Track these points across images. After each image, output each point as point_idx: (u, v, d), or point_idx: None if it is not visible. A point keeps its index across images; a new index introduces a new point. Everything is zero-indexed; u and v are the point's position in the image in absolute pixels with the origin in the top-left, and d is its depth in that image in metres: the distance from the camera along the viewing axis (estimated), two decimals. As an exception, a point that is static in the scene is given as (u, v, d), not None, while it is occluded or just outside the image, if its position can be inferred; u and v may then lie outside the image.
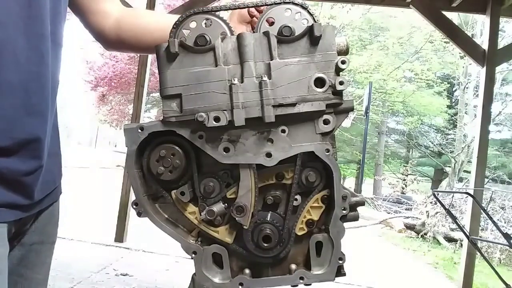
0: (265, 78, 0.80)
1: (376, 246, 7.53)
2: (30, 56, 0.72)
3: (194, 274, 0.84)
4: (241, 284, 0.83)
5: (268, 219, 0.85)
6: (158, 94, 0.86)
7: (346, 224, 0.85)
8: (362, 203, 0.87)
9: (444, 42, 15.12)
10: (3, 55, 0.68)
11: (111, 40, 1.01)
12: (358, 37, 17.54)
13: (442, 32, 4.75)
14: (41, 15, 0.74)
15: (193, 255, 0.83)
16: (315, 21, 0.84)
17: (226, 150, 0.82)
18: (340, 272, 0.85)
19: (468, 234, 3.56)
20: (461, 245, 6.08)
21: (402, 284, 4.96)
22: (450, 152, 17.35)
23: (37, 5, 0.73)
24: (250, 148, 0.82)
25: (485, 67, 4.43)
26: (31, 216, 0.81)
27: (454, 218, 3.53)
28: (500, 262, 6.80)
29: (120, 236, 4.75)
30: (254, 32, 0.85)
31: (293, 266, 0.86)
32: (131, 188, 3.79)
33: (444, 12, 4.67)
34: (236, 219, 0.83)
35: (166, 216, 0.86)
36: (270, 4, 0.86)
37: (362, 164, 12.61)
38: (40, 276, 0.85)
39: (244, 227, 0.83)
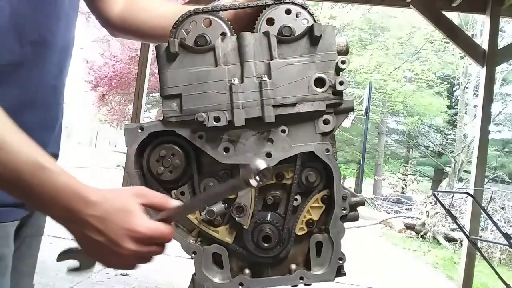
0: (265, 78, 0.80)
1: (376, 246, 7.53)
2: (52, 71, 0.75)
3: (194, 274, 0.84)
4: (241, 284, 0.83)
5: (268, 219, 0.85)
6: (158, 94, 0.86)
7: (346, 224, 0.85)
8: (362, 203, 0.87)
9: (444, 42, 15.11)
10: (33, 73, 0.70)
11: (118, 26, 1.01)
12: (358, 37, 17.53)
13: (442, 32, 4.75)
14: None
15: (193, 255, 0.83)
16: (315, 21, 0.84)
17: (226, 150, 0.82)
18: (340, 272, 0.85)
19: (468, 234, 3.56)
20: (461, 245, 6.08)
21: (402, 284, 4.96)
22: (450, 152, 17.35)
23: (67, 16, 0.77)
24: (250, 148, 0.82)
25: (485, 67, 4.42)
26: (31, 212, 0.83)
27: (454, 218, 3.53)
28: (500, 262, 6.79)
29: (120, 236, 4.74)
30: (254, 32, 0.85)
31: (293, 266, 0.86)
32: (131, 188, 3.79)
33: (444, 12, 4.66)
34: (236, 219, 0.83)
35: (166, 216, 0.86)
36: (270, 4, 0.86)
37: (362, 164, 12.62)
38: (29, 268, 0.88)
39: (244, 227, 0.83)
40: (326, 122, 0.83)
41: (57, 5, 0.73)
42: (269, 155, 0.82)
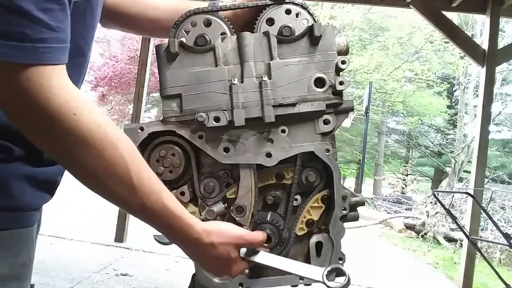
0: (265, 78, 0.80)
1: (376, 246, 7.53)
2: (80, 80, 0.80)
3: (194, 274, 0.84)
4: (241, 284, 0.83)
5: (268, 219, 0.85)
6: (158, 94, 0.86)
7: (346, 224, 0.85)
8: (362, 203, 0.87)
9: (444, 42, 15.10)
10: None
11: (111, 15, 0.98)
12: (358, 37, 17.51)
13: (442, 32, 4.74)
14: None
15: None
16: (315, 21, 0.84)
17: (226, 150, 0.82)
18: (340, 272, 0.85)
19: (468, 234, 3.56)
20: (461, 245, 6.08)
21: (402, 284, 4.96)
22: (450, 152, 17.34)
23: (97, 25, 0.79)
24: (250, 148, 0.82)
25: (485, 67, 4.42)
26: None
27: (454, 218, 3.53)
28: (500, 262, 6.79)
29: (120, 236, 4.74)
30: (254, 32, 0.85)
31: (293, 266, 0.86)
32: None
33: (444, 12, 4.66)
34: (236, 219, 0.83)
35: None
36: (270, 4, 0.86)
37: (362, 164, 12.61)
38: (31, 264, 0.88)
39: (244, 227, 0.83)
40: (326, 122, 0.83)
41: (93, 16, 0.74)
42: (269, 155, 0.82)
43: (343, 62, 0.82)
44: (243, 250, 0.77)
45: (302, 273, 0.78)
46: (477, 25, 14.81)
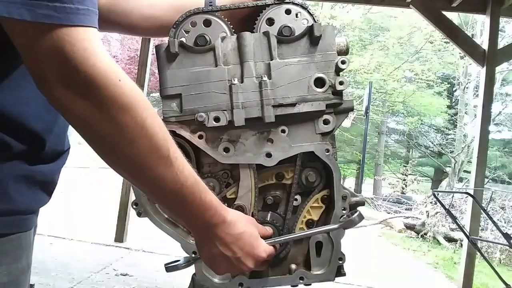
0: (265, 78, 0.80)
1: (376, 246, 7.52)
2: None
3: (194, 274, 0.84)
4: (240, 284, 0.83)
5: (268, 219, 0.85)
6: (158, 94, 0.86)
7: (346, 224, 0.85)
8: (362, 203, 0.87)
9: (444, 42, 15.10)
10: None
11: (103, 15, 0.92)
12: (359, 37, 17.52)
13: (442, 32, 4.74)
14: None
15: (193, 255, 0.83)
16: (315, 21, 0.84)
17: (226, 150, 0.82)
18: (340, 272, 0.85)
19: (468, 234, 3.55)
20: (461, 245, 6.08)
21: (402, 284, 4.96)
22: (450, 152, 17.34)
23: None
24: (250, 148, 0.82)
25: (485, 67, 4.42)
26: None
27: (454, 218, 3.53)
28: (500, 262, 6.79)
29: (120, 236, 4.74)
30: (254, 32, 0.85)
31: (293, 266, 0.86)
32: (131, 188, 3.81)
33: (444, 12, 4.65)
34: (236, 219, 0.83)
35: (166, 216, 0.86)
36: (270, 4, 0.86)
37: (362, 164, 12.60)
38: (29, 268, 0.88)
39: (244, 227, 0.83)
40: (326, 122, 0.83)
41: None
42: (269, 155, 0.82)
43: (343, 62, 0.82)
44: None
45: (322, 230, 0.81)
46: (477, 25, 14.79)
